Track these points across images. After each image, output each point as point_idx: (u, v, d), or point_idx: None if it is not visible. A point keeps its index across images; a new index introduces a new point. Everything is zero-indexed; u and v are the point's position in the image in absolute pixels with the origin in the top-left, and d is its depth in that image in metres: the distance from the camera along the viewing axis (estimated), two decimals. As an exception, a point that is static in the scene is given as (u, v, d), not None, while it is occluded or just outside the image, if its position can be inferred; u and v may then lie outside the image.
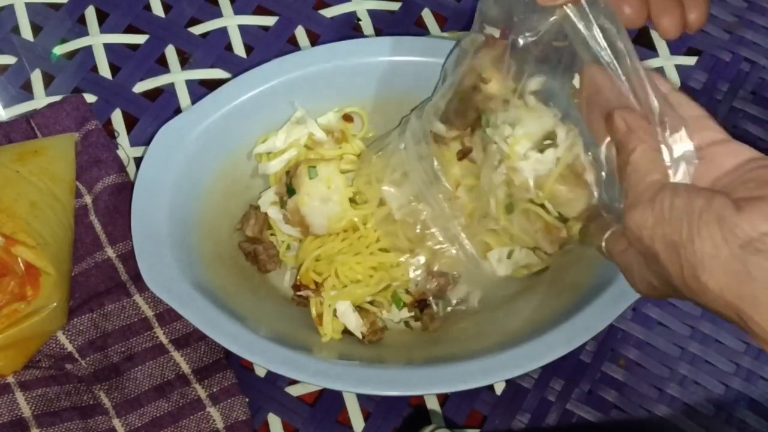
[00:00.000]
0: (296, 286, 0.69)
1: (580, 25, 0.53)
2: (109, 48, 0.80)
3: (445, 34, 0.81)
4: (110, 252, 0.70)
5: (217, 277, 0.68)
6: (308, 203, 0.68)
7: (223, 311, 0.64)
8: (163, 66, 0.79)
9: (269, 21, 0.82)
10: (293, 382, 0.68)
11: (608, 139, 0.52)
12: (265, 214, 0.71)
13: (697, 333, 0.71)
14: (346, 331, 0.68)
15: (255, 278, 0.71)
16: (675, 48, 0.82)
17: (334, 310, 0.67)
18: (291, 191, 0.69)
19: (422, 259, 0.68)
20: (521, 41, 0.58)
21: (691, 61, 0.81)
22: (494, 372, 0.62)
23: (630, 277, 0.52)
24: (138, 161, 0.74)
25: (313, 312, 0.68)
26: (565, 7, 0.53)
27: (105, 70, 0.79)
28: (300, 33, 0.81)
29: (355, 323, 0.67)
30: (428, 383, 0.62)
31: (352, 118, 0.74)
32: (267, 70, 0.73)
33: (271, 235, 0.71)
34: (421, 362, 0.65)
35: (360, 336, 0.68)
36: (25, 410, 0.63)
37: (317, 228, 0.69)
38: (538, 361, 0.62)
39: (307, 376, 0.62)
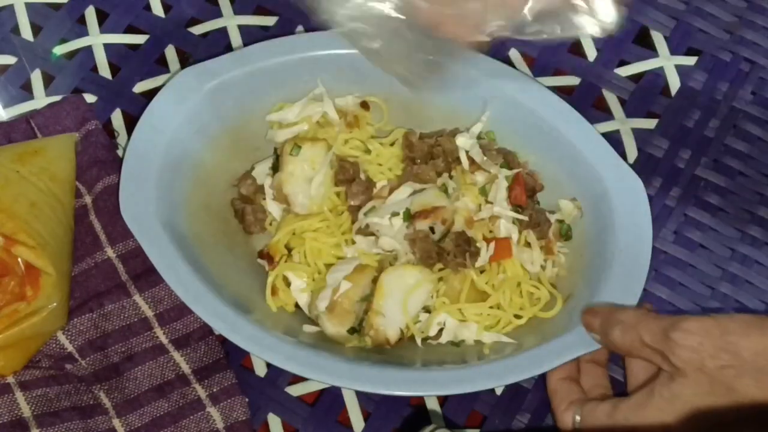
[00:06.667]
0: (261, 253, 0.70)
1: None
2: (109, 48, 0.80)
3: None
4: (110, 252, 0.70)
5: (196, 225, 0.68)
6: (291, 182, 0.69)
7: (186, 257, 0.64)
8: (163, 66, 0.79)
9: (269, 21, 0.82)
10: (293, 382, 0.68)
11: None
12: None
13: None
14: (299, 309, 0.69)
15: (237, 236, 0.71)
16: (675, 48, 0.82)
17: (288, 282, 0.68)
18: (277, 167, 0.70)
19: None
20: None
21: (691, 61, 0.81)
22: (486, 379, 0.63)
23: None
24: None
25: (269, 281, 0.68)
26: None
27: (105, 70, 0.79)
28: (300, 33, 0.81)
29: (306, 300, 0.68)
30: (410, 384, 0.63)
31: (369, 107, 0.74)
32: (300, 41, 0.74)
33: (263, 199, 0.72)
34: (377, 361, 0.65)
35: (308, 314, 0.68)
36: (25, 410, 0.63)
37: (299, 207, 0.69)
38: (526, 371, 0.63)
39: (242, 340, 0.62)
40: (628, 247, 0.66)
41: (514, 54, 0.81)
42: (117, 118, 0.77)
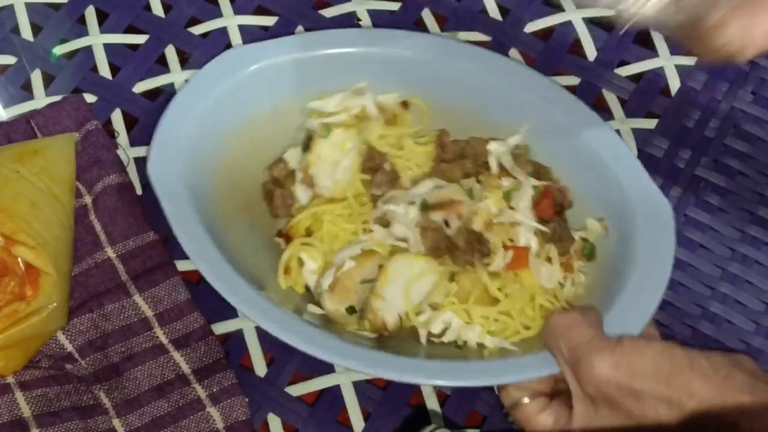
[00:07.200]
0: (280, 232, 0.70)
1: None
2: (109, 48, 0.80)
3: (445, 35, 0.81)
4: (110, 252, 0.70)
5: (221, 196, 0.68)
6: (318, 163, 0.69)
7: (205, 221, 0.65)
8: (163, 66, 0.79)
9: (269, 21, 0.82)
10: (293, 381, 0.68)
11: None
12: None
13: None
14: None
15: (263, 218, 0.71)
16: (675, 48, 0.82)
17: (302, 263, 0.68)
18: (306, 148, 0.70)
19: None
20: None
21: (691, 61, 0.81)
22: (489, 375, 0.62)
23: None
24: (138, 161, 0.74)
25: (283, 259, 0.68)
26: None
27: (105, 70, 0.79)
28: (300, 33, 0.81)
29: (315, 282, 0.68)
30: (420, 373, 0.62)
31: (409, 107, 0.74)
32: (350, 35, 0.74)
33: (293, 185, 0.71)
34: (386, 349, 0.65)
35: (314, 294, 0.68)
36: (25, 410, 0.63)
37: (323, 189, 0.69)
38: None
39: (247, 308, 0.62)
40: (646, 273, 0.65)
41: (513, 54, 0.81)
42: (117, 118, 0.77)
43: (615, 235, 0.69)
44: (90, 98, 0.77)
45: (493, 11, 0.83)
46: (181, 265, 0.71)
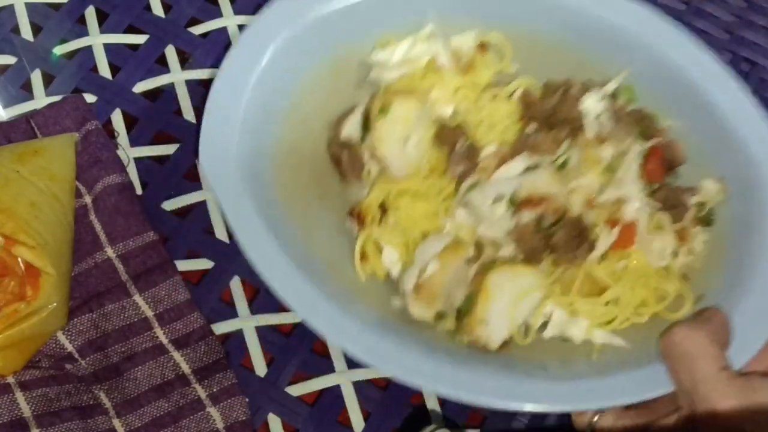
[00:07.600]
0: (351, 210, 0.63)
1: None
2: (109, 48, 0.80)
3: None
4: (110, 252, 0.70)
5: (284, 173, 0.61)
6: (383, 144, 0.61)
7: (265, 215, 0.58)
8: (163, 66, 0.79)
9: (269, 21, 0.82)
10: (293, 381, 0.68)
11: None
12: None
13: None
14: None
15: (332, 185, 0.64)
16: (675, 48, 0.82)
17: (380, 247, 0.61)
18: (367, 128, 0.62)
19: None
20: None
21: (691, 61, 0.81)
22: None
23: None
24: (138, 161, 0.75)
25: (358, 246, 0.62)
26: None
27: (105, 70, 0.79)
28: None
29: (398, 272, 0.61)
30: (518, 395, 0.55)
31: (487, 49, 0.65)
32: None
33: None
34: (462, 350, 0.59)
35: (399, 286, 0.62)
36: (25, 410, 0.63)
37: (396, 170, 0.62)
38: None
39: (317, 322, 0.56)
40: None
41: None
42: (117, 118, 0.77)
43: (737, 201, 0.61)
44: (90, 98, 0.77)
45: (493, 11, 0.83)
46: (181, 265, 0.71)
